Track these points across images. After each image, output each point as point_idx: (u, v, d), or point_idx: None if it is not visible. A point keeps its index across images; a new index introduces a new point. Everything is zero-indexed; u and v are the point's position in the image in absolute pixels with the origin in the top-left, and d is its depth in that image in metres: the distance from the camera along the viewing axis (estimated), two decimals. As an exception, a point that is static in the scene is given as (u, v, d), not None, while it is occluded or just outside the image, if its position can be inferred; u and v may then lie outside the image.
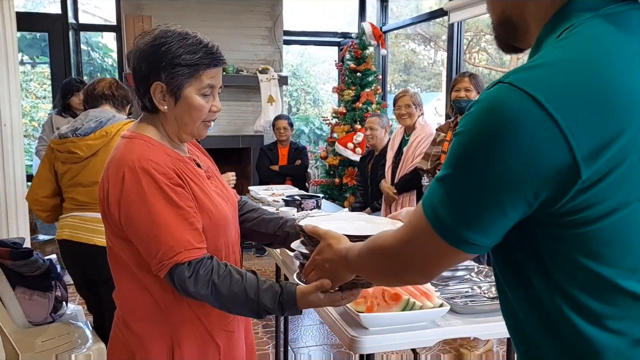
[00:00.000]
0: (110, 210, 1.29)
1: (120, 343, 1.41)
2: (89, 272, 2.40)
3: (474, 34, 8.71)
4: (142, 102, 1.36)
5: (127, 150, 1.30)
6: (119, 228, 1.30)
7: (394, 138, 4.06)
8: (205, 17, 5.67)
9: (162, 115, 1.35)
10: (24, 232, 3.43)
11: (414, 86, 10.35)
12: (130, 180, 1.25)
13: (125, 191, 1.25)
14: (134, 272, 1.33)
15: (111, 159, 1.33)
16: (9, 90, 3.35)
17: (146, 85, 1.32)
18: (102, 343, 2.38)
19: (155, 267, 1.25)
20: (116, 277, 1.40)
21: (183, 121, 1.35)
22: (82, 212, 2.36)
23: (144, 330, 1.36)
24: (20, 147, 3.44)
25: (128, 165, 1.26)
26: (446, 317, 1.68)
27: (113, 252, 1.38)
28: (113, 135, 2.31)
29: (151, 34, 1.33)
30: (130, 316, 1.38)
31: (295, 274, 1.38)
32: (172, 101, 1.33)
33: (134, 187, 1.25)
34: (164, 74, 1.30)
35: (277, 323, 3.05)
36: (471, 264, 2.12)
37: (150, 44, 1.30)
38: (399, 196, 3.87)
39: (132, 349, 1.37)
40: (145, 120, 1.39)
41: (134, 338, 1.37)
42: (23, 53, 7.16)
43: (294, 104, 10.03)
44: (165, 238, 1.24)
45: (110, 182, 1.29)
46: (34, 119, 7.68)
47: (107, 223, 1.35)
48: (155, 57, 1.29)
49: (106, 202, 1.30)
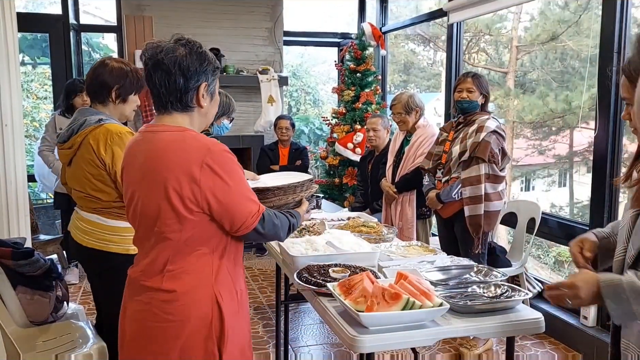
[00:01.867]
0: (199, 202, 1.53)
1: (168, 314, 1.58)
2: (85, 267, 2.47)
3: (473, 34, 8.71)
4: (182, 98, 1.58)
5: (193, 141, 1.55)
6: (199, 214, 1.54)
7: (395, 139, 4.07)
8: (205, 18, 5.68)
9: (197, 111, 1.63)
10: (25, 232, 3.43)
11: (413, 86, 10.35)
12: (215, 162, 1.52)
13: (217, 172, 1.52)
14: (203, 254, 1.59)
15: (179, 157, 1.53)
16: (10, 91, 3.35)
17: (195, 82, 1.58)
18: (103, 342, 2.39)
19: (249, 222, 1.58)
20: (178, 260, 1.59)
21: (209, 116, 1.68)
22: (78, 208, 2.38)
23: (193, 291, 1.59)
24: (21, 148, 3.45)
25: (208, 151, 1.52)
26: (446, 317, 1.69)
27: (178, 242, 1.58)
28: (79, 145, 2.24)
29: (183, 39, 1.59)
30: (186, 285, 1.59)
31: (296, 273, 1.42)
32: (209, 99, 1.64)
33: (225, 165, 1.54)
34: (210, 75, 1.61)
35: (277, 322, 3.06)
36: (471, 263, 2.13)
37: (197, 49, 1.58)
38: (399, 195, 3.87)
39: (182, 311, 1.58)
40: (176, 116, 1.61)
41: (181, 305, 1.57)
42: (24, 54, 7.17)
43: (294, 104, 10.03)
44: (252, 200, 1.61)
45: (195, 176, 1.51)
46: (35, 119, 7.69)
47: (188, 223, 1.55)
48: (202, 58, 1.59)
49: (196, 199, 1.52)
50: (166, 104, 1.60)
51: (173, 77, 1.56)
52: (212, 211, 1.55)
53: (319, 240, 2.29)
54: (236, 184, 1.56)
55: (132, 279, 1.69)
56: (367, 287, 1.66)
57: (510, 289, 1.84)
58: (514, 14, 8.45)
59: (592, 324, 3.31)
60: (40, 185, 5.27)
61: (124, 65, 2.33)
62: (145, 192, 1.59)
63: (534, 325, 1.75)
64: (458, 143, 3.22)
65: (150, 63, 1.57)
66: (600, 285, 1.35)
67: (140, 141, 1.64)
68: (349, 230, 2.57)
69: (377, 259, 2.17)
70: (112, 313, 2.36)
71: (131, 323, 1.67)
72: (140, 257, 1.68)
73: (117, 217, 2.27)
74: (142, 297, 1.62)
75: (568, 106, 7.70)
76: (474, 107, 3.23)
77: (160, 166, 1.54)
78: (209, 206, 1.54)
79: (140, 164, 1.60)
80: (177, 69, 1.55)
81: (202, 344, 1.59)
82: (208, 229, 1.58)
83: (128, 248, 2.26)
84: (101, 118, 2.24)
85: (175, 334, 1.58)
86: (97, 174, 2.23)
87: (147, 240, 1.62)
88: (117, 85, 2.29)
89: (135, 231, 1.70)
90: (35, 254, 2.52)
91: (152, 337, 1.60)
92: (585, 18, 7.67)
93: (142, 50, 1.60)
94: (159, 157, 1.56)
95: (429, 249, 2.39)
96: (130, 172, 1.66)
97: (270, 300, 4.25)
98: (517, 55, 8.69)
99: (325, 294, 1.83)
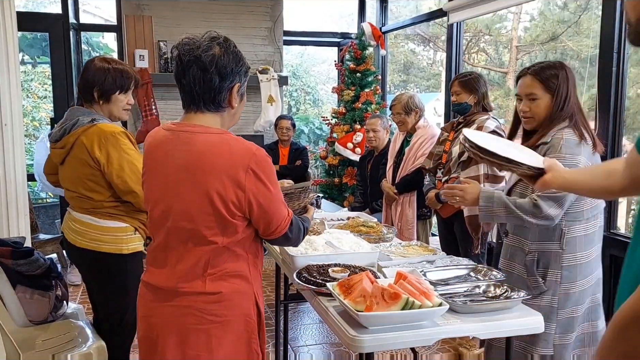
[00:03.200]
0: (242, 206, 1.53)
1: (211, 314, 1.58)
2: (79, 268, 2.47)
3: (473, 34, 8.72)
4: (215, 98, 1.56)
5: (237, 145, 1.54)
6: (240, 218, 1.55)
7: (395, 139, 4.07)
8: (205, 18, 5.68)
9: (229, 111, 1.61)
10: (25, 231, 3.44)
11: (413, 86, 10.35)
12: (260, 168, 1.53)
13: (261, 178, 1.53)
14: (240, 255, 1.60)
15: (225, 161, 1.52)
16: (10, 90, 3.35)
17: (230, 83, 1.56)
18: (102, 341, 2.39)
19: (282, 225, 1.62)
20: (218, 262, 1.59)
21: (237, 117, 1.67)
22: (70, 209, 2.37)
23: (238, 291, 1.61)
24: (21, 147, 3.45)
25: (253, 156, 1.52)
26: (445, 317, 1.68)
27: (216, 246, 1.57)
28: (72, 145, 2.22)
29: (219, 37, 1.56)
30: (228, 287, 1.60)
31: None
32: (239, 99, 1.62)
33: (267, 171, 1.55)
34: (243, 76, 1.60)
35: (277, 322, 3.06)
36: (471, 263, 2.13)
37: (232, 49, 1.57)
38: (399, 196, 3.87)
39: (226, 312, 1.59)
40: (208, 116, 1.59)
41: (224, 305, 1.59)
42: (24, 53, 7.17)
43: (294, 104, 10.04)
44: (285, 205, 1.65)
45: (241, 180, 1.51)
46: (34, 118, 7.69)
47: (230, 227, 1.55)
48: (238, 59, 1.57)
49: (239, 203, 1.53)
50: (198, 103, 1.56)
51: (209, 75, 1.52)
52: (252, 215, 1.56)
53: (318, 240, 2.29)
54: (276, 189, 1.59)
55: (156, 287, 1.63)
56: (367, 287, 1.66)
57: (509, 289, 1.84)
58: (514, 14, 8.45)
59: (591, 324, 3.31)
60: (40, 184, 5.27)
61: (106, 64, 2.28)
62: (184, 194, 1.54)
63: (534, 325, 1.75)
64: (458, 143, 3.22)
65: (186, 59, 1.52)
66: (481, 191, 2.11)
67: (172, 140, 1.58)
68: (349, 230, 2.57)
69: (376, 258, 2.17)
70: (109, 312, 2.37)
71: (166, 330, 1.61)
72: (166, 262, 1.61)
73: (109, 217, 2.26)
74: (179, 301, 1.58)
75: (568, 106, 7.69)
76: (465, 108, 3.24)
77: (204, 169, 1.51)
78: (250, 210, 1.55)
79: (178, 165, 1.54)
80: (214, 67, 1.52)
81: (246, 344, 1.62)
82: (247, 232, 1.60)
83: (121, 248, 2.26)
84: (94, 118, 2.22)
85: (219, 335, 1.58)
86: (91, 174, 2.22)
87: (182, 244, 1.57)
88: (97, 85, 2.26)
89: (159, 235, 1.62)
90: (34, 254, 2.52)
91: (195, 341, 1.58)
92: (585, 18, 7.67)
93: (175, 45, 1.57)
94: (201, 160, 1.52)
95: (428, 248, 2.39)
96: (161, 171, 1.60)
97: (270, 300, 4.24)
98: (517, 55, 8.69)
99: (325, 293, 1.83)
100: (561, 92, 2.05)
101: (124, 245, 2.26)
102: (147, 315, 1.66)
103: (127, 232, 2.27)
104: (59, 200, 5.71)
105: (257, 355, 1.64)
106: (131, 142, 2.25)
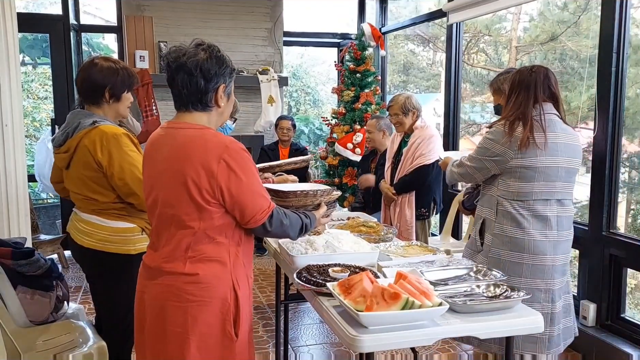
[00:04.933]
0: (215, 194, 1.66)
1: (189, 294, 1.71)
2: (83, 268, 2.47)
3: (472, 35, 8.72)
4: (202, 98, 1.72)
5: (213, 138, 1.68)
6: (215, 205, 1.68)
7: (393, 140, 4.07)
8: (205, 18, 5.69)
9: (215, 110, 1.77)
10: (25, 231, 3.44)
11: (412, 87, 10.35)
12: (232, 159, 1.65)
13: (232, 168, 1.65)
14: (221, 242, 1.73)
15: (200, 152, 1.65)
16: (10, 91, 3.36)
17: (215, 84, 1.72)
18: (103, 342, 2.39)
19: (258, 217, 1.72)
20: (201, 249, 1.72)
21: (224, 115, 1.82)
22: (76, 210, 2.38)
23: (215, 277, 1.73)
24: (21, 148, 3.45)
25: (225, 148, 1.65)
26: (445, 316, 1.69)
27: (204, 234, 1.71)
28: (75, 148, 2.23)
29: (204, 44, 1.72)
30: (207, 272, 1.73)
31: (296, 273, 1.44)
32: (226, 99, 1.78)
33: (240, 162, 1.67)
34: (227, 78, 1.75)
35: (277, 322, 3.07)
36: (471, 263, 2.14)
37: (216, 53, 1.71)
38: (397, 197, 3.87)
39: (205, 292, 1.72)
40: (195, 115, 1.75)
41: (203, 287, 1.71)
42: (24, 54, 7.18)
43: (294, 104, 10.05)
44: (264, 197, 1.75)
45: (213, 170, 1.64)
46: (35, 119, 7.69)
47: (205, 212, 1.68)
48: (221, 62, 1.73)
49: (212, 191, 1.65)
50: (187, 104, 1.74)
51: (195, 78, 1.69)
52: (225, 203, 1.69)
53: (318, 240, 2.29)
54: (249, 180, 1.69)
55: (149, 266, 1.80)
56: (367, 287, 1.66)
57: (509, 288, 1.85)
58: (513, 14, 8.45)
59: (591, 324, 3.31)
60: (40, 185, 5.27)
61: (113, 64, 2.31)
62: (166, 182, 1.72)
63: (533, 325, 1.76)
64: None
65: (174, 65, 1.71)
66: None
67: (163, 136, 1.77)
68: (349, 230, 2.57)
69: (376, 258, 2.17)
70: (113, 312, 2.37)
71: (152, 305, 1.77)
72: (158, 245, 1.79)
73: (116, 217, 2.27)
74: (163, 279, 1.74)
75: (567, 106, 7.70)
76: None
77: (182, 159, 1.68)
78: (222, 198, 1.67)
79: (163, 157, 1.73)
80: (199, 71, 1.69)
81: (220, 325, 1.74)
82: (225, 220, 1.72)
83: (128, 249, 2.26)
84: (95, 120, 2.22)
85: (195, 314, 1.71)
86: (94, 177, 2.22)
87: (167, 228, 1.74)
88: (109, 85, 2.28)
89: (153, 220, 1.81)
90: (35, 254, 2.52)
91: (173, 317, 1.72)
92: (584, 19, 7.67)
93: (164, 54, 1.74)
94: (180, 151, 1.69)
95: (428, 248, 2.40)
96: (152, 164, 1.78)
97: (270, 300, 4.25)
98: (517, 55, 8.69)
99: (325, 293, 1.84)
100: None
101: (131, 246, 2.27)
102: (140, 291, 1.84)
103: (134, 232, 2.28)
104: (59, 201, 5.72)
105: (230, 337, 1.75)
106: (133, 143, 2.25)
